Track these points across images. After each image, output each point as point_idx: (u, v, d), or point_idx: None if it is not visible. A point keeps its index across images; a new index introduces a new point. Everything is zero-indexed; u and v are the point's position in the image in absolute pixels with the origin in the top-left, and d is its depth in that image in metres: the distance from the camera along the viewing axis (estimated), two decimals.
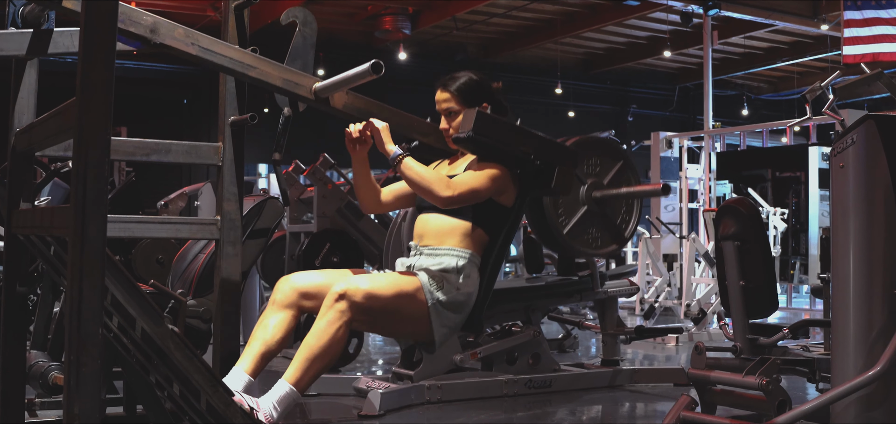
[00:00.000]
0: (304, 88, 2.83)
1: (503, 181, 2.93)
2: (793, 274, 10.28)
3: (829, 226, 2.97)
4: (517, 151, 2.90)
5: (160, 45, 2.56)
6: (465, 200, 2.86)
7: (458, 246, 2.90)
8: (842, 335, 2.82)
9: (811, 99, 3.65)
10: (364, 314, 2.68)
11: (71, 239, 1.61)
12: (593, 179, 3.97)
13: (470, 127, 2.81)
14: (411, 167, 2.84)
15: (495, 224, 2.96)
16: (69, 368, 1.58)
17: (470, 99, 3.03)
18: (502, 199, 2.95)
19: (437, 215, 2.96)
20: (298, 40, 2.96)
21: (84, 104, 1.61)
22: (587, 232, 3.92)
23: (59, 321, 3.68)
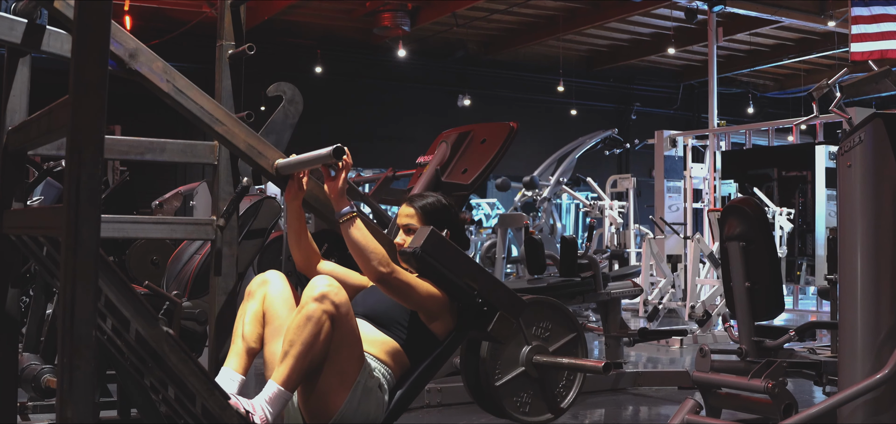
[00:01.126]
0: (267, 161, 2.80)
1: (440, 306, 2.85)
2: (799, 275, 10.28)
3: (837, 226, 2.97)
4: (462, 282, 2.82)
5: (135, 73, 2.55)
6: (398, 289, 2.76)
7: (377, 357, 2.81)
8: (849, 338, 2.82)
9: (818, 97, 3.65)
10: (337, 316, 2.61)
11: (64, 240, 1.61)
12: (539, 342, 3.94)
13: (419, 244, 2.73)
14: (360, 229, 2.74)
15: (420, 351, 2.88)
16: (62, 371, 1.58)
17: (432, 220, 2.98)
18: (435, 326, 2.88)
19: (365, 322, 2.87)
20: (279, 116, 2.95)
21: (77, 102, 1.61)
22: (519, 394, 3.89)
23: (52, 323, 3.68)
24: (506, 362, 3.86)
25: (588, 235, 9.69)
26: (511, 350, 3.88)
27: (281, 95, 2.99)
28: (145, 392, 2.70)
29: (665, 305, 8.86)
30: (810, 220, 10.21)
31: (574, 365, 3.92)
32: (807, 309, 10.30)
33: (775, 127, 11.09)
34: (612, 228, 11.30)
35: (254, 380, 4.32)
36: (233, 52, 2.97)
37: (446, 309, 2.88)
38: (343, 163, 2.71)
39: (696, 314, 7.87)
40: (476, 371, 3.83)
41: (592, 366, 3.87)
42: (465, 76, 15.86)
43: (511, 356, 3.87)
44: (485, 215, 14.59)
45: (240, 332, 2.76)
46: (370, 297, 2.99)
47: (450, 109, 15.18)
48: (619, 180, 11.94)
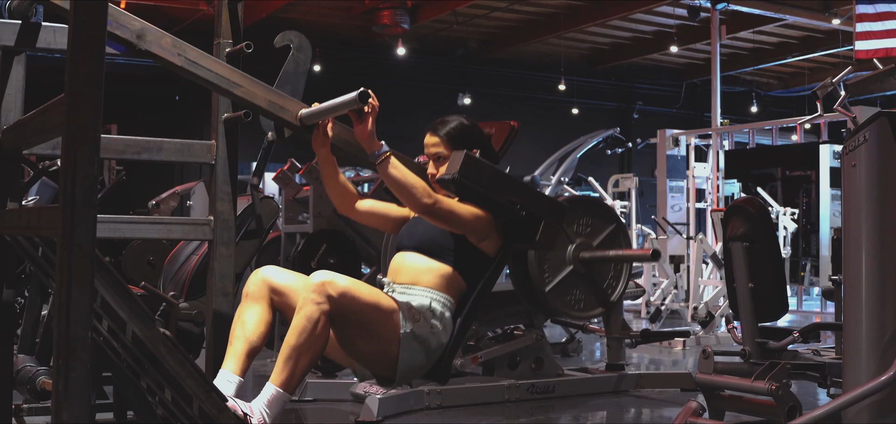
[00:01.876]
0: (290, 114, 2.81)
1: (487, 225, 2.90)
2: (803, 276, 10.27)
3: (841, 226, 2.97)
4: (504, 199, 2.87)
5: (146, 52, 2.55)
6: (445, 217, 2.81)
7: (434, 288, 2.86)
8: (854, 339, 2.82)
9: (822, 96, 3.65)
10: (339, 313, 2.64)
11: (59, 240, 1.61)
12: (582, 239, 3.97)
13: (456, 170, 2.76)
14: (398, 166, 2.78)
15: (475, 272, 2.92)
16: (57, 373, 1.58)
17: (459, 144, 3.00)
18: (484, 245, 2.92)
19: (416, 254, 2.92)
20: (290, 65, 2.95)
21: (73, 101, 1.61)
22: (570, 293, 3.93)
23: (48, 324, 3.68)
24: (553, 264, 3.88)
25: None
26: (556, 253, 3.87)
27: (288, 44, 2.98)
28: (142, 394, 2.70)
29: (667, 306, 8.85)
30: (814, 220, 10.21)
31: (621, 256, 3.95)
32: (811, 310, 10.30)
33: (779, 126, 11.09)
34: None
35: (252, 382, 4.32)
36: (230, 50, 2.97)
37: (492, 227, 2.93)
38: (369, 106, 2.71)
39: (698, 315, 7.86)
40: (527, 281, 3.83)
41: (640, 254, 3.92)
42: (465, 75, 15.86)
43: (557, 258, 3.88)
44: None
45: (239, 333, 2.74)
46: (416, 229, 3.02)
47: (450, 108, 15.17)
48: (621, 179, 11.94)
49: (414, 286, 2.89)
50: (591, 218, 4.05)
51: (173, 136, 2.98)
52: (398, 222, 3.12)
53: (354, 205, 3.06)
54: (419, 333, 2.77)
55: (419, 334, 2.77)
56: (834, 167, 9.90)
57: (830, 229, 9.60)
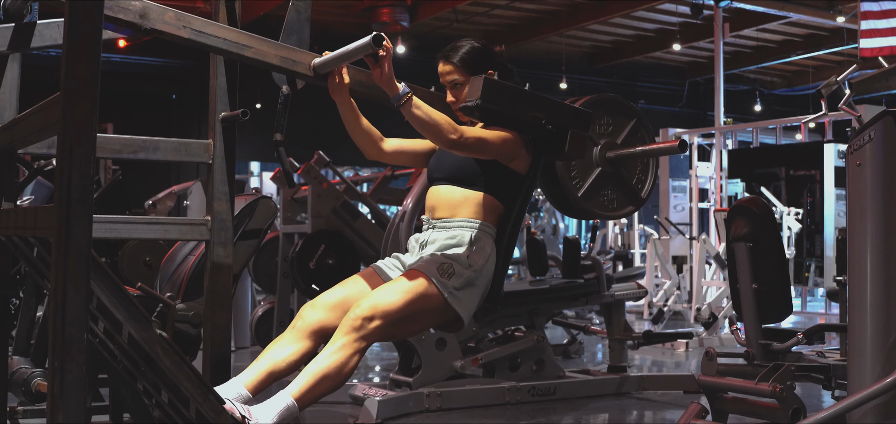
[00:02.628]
0: (303, 65, 2.83)
1: (515, 145, 2.94)
2: (807, 277, 10.27)
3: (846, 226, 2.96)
4: (528, 117, 2.92)
5: (151, 30, 2.56)
6: (473, 147, 2.85)
7: (472, 217, 2.92)
8: (859, 341, 2.82)
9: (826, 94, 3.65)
10: (382, 334, 2.74)
11: (55, 240, 1.61)
12: (606, 139, 4.01)
13: (478, 95, 2.80)
14: (421, 106, 2.78)
15: (510, 193, 2.98)
16: (53, 374, 1.58)
17: (474, 68, 3.02)
18: (515, 165, 2.97)
19: (450, 186, 2.98)
20: (292, 15, 2.95)
21: (68, 100, 1.61)
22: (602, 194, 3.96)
23: (43, 325, 3.68)
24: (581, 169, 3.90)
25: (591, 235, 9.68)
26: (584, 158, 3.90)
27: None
28: (138, 396, 2.70)
29: (670, 307, 8.85)
30: (819, 220, 10.20)
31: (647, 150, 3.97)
32: (815, 312, 10.30)
33: (783, 125, 11.09)
34: (615, 228, 11.30)
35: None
36: None
37: (521, 146, 2.97)
38: (384, 48, 2.71)
39: (701, 316, 7.86)
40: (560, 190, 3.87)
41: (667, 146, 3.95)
42: None
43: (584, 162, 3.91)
44: None
45: (269, 352, 2.75)
46: (447, 159, 3.05)
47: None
48: None
49: (452, 219, 2.94)
50: (611, 116, 4.08)
51: (170, 135, 2.99)
52: (426, 155, 3.18)
53: (381, 146, 3.08)
54: (460, 284, 2.83)
55: (461, 285, 2.83)
56: (838, 167, 9.89)
57: (835, 229, 9.61)
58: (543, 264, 5.69)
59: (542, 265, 5.69)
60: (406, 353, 4.72)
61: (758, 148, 11.07)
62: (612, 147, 3.97)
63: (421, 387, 4.49)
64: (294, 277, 6.01)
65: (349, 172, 12.49)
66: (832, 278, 5.92)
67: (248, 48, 2.73)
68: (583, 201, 3.86)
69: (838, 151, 9.93)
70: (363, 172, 12.61)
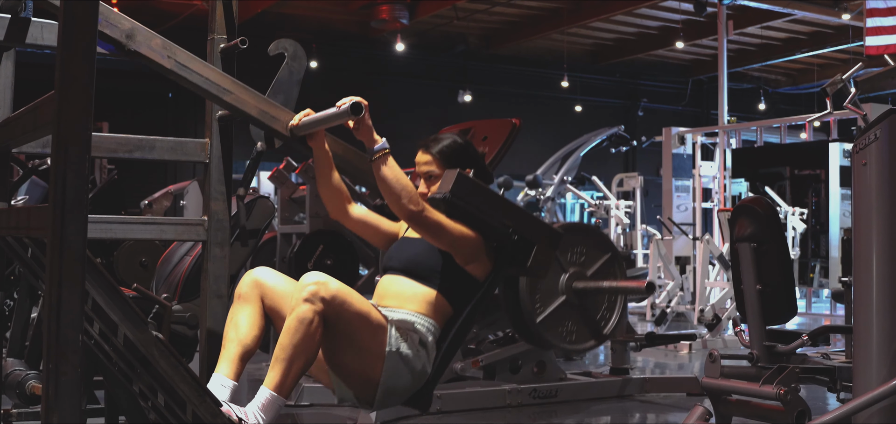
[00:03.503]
0: (281, 124, 2.82)
1: (475, 247, 2.87)
2: (812, 278, 10.28)
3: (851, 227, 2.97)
4: (497, 222, 2.85)
5: (134, 53, 2.56)
6: (431, 228, 2.78)
7: (419, 312, 2.84)
8: (864, 342, 2.82)
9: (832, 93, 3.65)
10: (329, 317, 2.63)
11: (49, 241, 1.61)
12: (576, 268, 3.95)
13: (448, 188, 2.75)
14: (393, 167, 2.76)
15: (462, 297, 2.90)
16: (47, 377, 1.58)
17: (452, 162, 2.99)
18: (473, 269, 2.89)
19: (403, 277, 2.89)
20: (284, 74, 2.96)
21: (63, 98, 1.61)
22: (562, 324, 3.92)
23: (37, 327, 3.68)
24: (545, 293, 3.86)
25: None
26: (549, 281, 3.86)
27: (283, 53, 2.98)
28: (134, 398, 2.70)
29: (673, 308, 8.85)
30: (824, 220, 10.21)
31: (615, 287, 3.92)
32: (820, 313, 10.30)
33: (787, 124, 11.09)
34: (618, 228, 11.31)
35: (246, 386, 4.32)
36: (225, 46, 2.97)
37: (482, 249, 2.90)
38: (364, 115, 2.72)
39: (705, 317, 7.86)
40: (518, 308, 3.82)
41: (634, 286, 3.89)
42: (465, 71, 15.86)
43: (550, 286, 3.87)
44: None
45: (231, 336, 2.75)
46: (405, 250, 3.00)
47: (450, 106, 15.19)
48: (626, 178, 11.94)
49: (400, 309, 2.86)
50: (586, 247, 4.02)
51: (166, 134, 2.98)
52: (388, 237, 3.09)
53: (347, 208, 3.02)
54: (406, 353, 2.74)
55: (405, 354, 2.74)
56: (844, 166, 9.90)
57: (840, 229, 9.60)
58: None
59: None
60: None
61: (762, 147, 11.07)
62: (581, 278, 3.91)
63: None
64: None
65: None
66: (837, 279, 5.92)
67: (229, 93, 2.72)
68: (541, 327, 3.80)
69: (844, 150, 9.94)
70: None
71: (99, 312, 2.19)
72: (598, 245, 4.05)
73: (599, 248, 4.04)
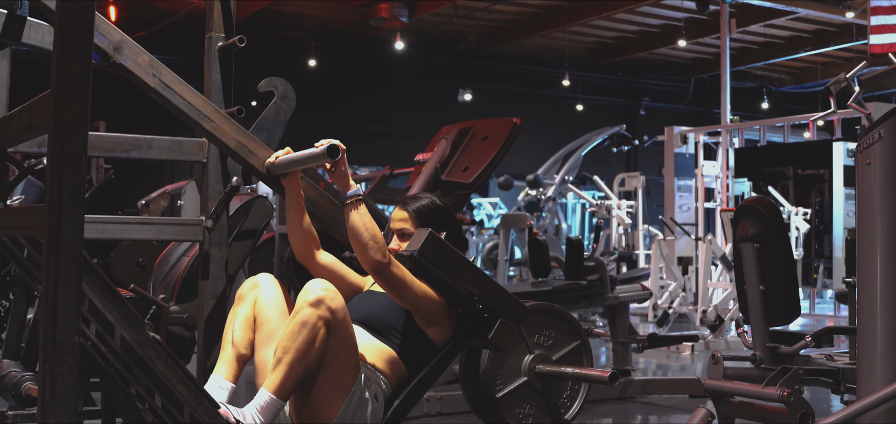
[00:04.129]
0: (258, 160, 2.83)
1: (437, 310, 2.86)
2: (816, 278, 10.28)
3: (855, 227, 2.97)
4: (463, 288, 2.85)
5: (119, 66, 2.56)
6: (393, 282, 2.76)
7: (375, 366, 2.82)
8: (868, 344, 2.82)
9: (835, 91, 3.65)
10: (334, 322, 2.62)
11: (45, 241, 1.61)
12: (542, 351, 3.96)
13: (417, 247, 2.75)
14: (363, 213, 2.74)
15: (418, 359, 2.88)
16: (44, 378, 1.58)
17: (428, 223, 2.98)
18: (432, 333, 2.89)
19: (361, 330, 2.87)
20: (271, 113, 2.96)
21: (59, 97, 1.61)
22: (521, 406, 3.92)
23: (33, 328, 3.68)
24: (507, 371, 3.87)
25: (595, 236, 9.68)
26: (513, 359, 3.89)
27: (272, 91, 2.99)
28: (131, 400, 2.70)
29: (675, 309, 8.86)
30: (828, 220, 10.21)
31: (579, 375, 3.92)
32: (824, 314, 10.30)
33: (791, 123, 11.09)
34: (619, 228, 11.31)
35: (244, 388, 4.32)
36: (223, 44, 2.97)
37: (444, 314, 2.89)
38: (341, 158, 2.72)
39: (707, 318, 7.87)
40: (476, 381, 3.85)
41: (598, 376, 3.88)
42: (465, 70, 15.86)
43: (513, 365, 3.88)
44: (487, 215, 14.59)
45: (229, 338, 2.76)
46: (366, 303, 2.99)
47: (450, 105, 15.19)
48: (628, 178, 11.94)
49: None
50: (556, 330, 4.03)
51: (163, 133, 2.99)
52: (352, 289, 3.07)
53: (315, 253, 3.01)
54: (366, 399, 2.72)
55: (365, 400, 2.72)
56: (848, 166, 9.90)
57: (844, 229, 9.60)
58: (546, 265, 5.69)
59: (545, 266, 5.68)
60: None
61: (765, 146, 11.07)
62: (545, 361, 3.92)
63: None
64: (290, 278, 6.01)
65: None
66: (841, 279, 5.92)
67: (209, 121, 2.72)
68: (498, 403, 3.81)
69: (847, 149, 9.94)
70: (361, 171, 12.62)
71: (96, 313, 2.19)
72: (568, 331, 4.07)
73: (569, 333, 4.07)
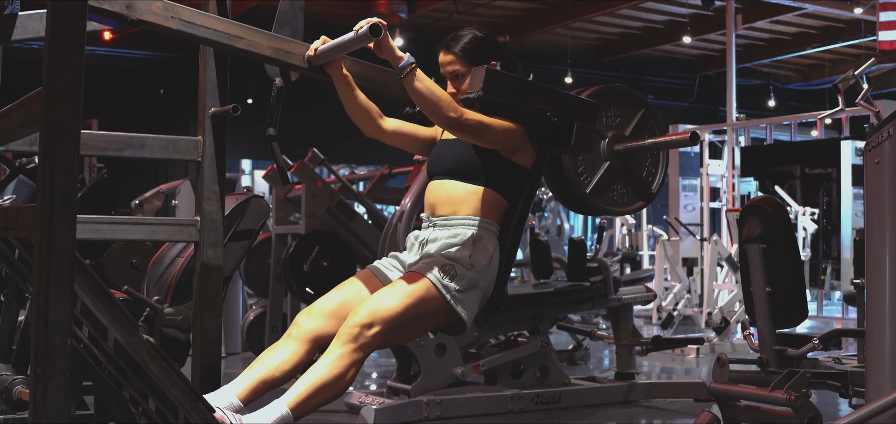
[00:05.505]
0: (297, 56, 2.84)
1: (518, 137, 2.93)
2: (824, 280, 10.28)
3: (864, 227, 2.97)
4: (532, 109, 2.92)
5: (138, 21, 2.56)
6: (473, 131, 2.83)
7: (474, 214, 2.91)
8: (877, 346, 2.82)
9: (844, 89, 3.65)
10: (382, 342, 2.74)
11: (37, 242, 1.60)
12: (614, 131, 4.01)
13: (480, 86, 2.80)
14: (423, 79, 2.78)
15: (514, 188, 2.97)
16: (35, 382, 1.58)
17: (476, 58, 3.02)
18: (519, 159, 2.96)
19: (451, 181, 2.97)
20: (285, 5, 2.97)
21: (51, 95, 1.61)
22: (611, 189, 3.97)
23: (25, 330, 3.68)
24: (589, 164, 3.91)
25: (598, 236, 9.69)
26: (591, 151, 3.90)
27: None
28: (124, 404, 2.70)
29: (680, 311, 8.86)
30: (835, 220, 10.21)
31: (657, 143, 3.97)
32: (832, 316, 10.30)
33: (798, 121, 11.10)
34: (623, 229, 11.31)
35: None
36: None
37: (525, 139, 2.96)
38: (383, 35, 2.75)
39: (713, 321, 7.87)
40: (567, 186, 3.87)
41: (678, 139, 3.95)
42: None
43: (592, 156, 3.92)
44: None
45: (262, 359, 2.75)
46: (447, 152, 3.05)
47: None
48: None
49: (454, 216, 2.94)
50: (619, 107, 4.08)
51: (157, 131, 2.98)
52: (426, 142, 3.17)
53: (381, 123, 3.07)
54: (464, 286, 2.82)
55: (461, 286, 2.81)
56: (856, 165, 9.89)
57: (852, 229, 9.61)
58: (548, 266, 5.69)
59: (547, 267, 5.69)
60: (404, 359, 4.72)
61: (772, 145, 11.07)
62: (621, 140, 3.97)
63: (420, 395, 4.49)
64: (287, 280, 6.01)
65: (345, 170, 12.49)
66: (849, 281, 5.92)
67: (240, 39, 2.73)
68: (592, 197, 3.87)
69: (856, 148, 9.94)
70: (359, 170, 12.62)
71: (88, 315, 2.19)
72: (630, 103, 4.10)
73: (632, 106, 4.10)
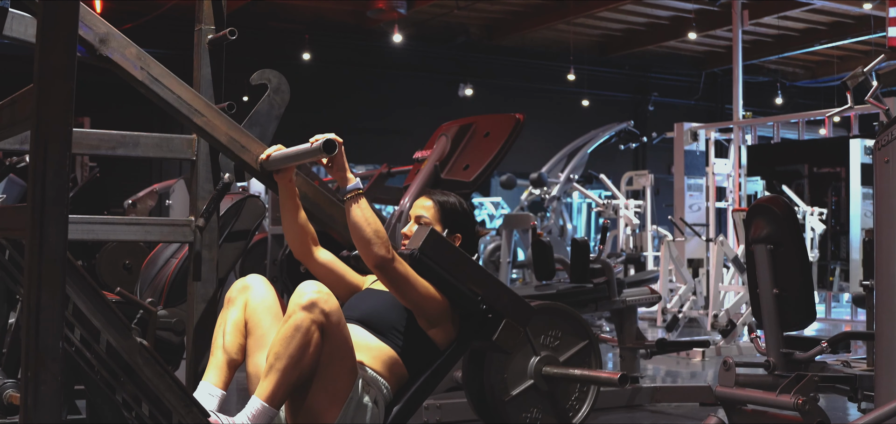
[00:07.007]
0: (250, 155, 2.84)
1: (440, 310, 2.86)
2: (832, 281, 10.27)
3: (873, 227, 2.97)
4: (466, 288, 2.84)
5: (106, 59, 2.56)
6: (396, 279, 2.75)
7: (373, 368, 2.81)
8: (887, 349, 2.82)
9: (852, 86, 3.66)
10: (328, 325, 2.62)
11: (28, 242, 1.61)
12: (548, 352, 3.97)
13: (418, 245, 2.76)
14: (365, 207, 2.75)
15: (419, 362, 2.88)
16: (26, 386, 1.58)
17: (446, 221, 3.02)
18: (435, 334, 2.89)
19: (359, 328, 2.87)
20: (264, 106, 2.97)
21: (42, 92, 1.61)
22: (528, 410, 3.93)
23: (15, 333, 3.68)
24: (513, 374, 3.88)
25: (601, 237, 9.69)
26: (518, 362, 3.90)
27: (265, 84, 2.99)
28: (117, 408, 2.70)
29: (685, 313, 8.86)
30: (844, 221, 10.21)
31: (587, 377, 3.93)
32: (840, 318, 10.30)
33: (806, 119, 11.09)
34: (627, 229, 11.31)
35: (236, 395, 4.32)
36: (213, 37, 2.97)
37: (447, 315, 2.89)
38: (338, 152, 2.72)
39: (719, 323, 7.87)
40: (481, 385, 3.85)
41: (607, 378, 3.88)
42: (466, 64, 15.87)
43: (518, 368, 3.89)
44: (488, 215, 14.61)
45: (220, 343, 2.75)
46: (366, 301, 2.99)
47: (450, 100, 15.19)
48: (635, 176, 11.94)
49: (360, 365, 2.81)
50: (562, 331, 4.05)
51: (151, 129, 2.99)
52: (351, 289, 3.08)
53: (313, 250, 3.02)
54: (365, 405, 2.72)
55: (365, 406, 2.72)
56: (865, 163, 9.89)
57: (861, 230, 9.60)
58: (550, 267, 5.69)
59: (549, 268, 5.69)
60: None
61: (779, 144, 11.07)
62: (552, 363, 3.92)
63: None
64: (283, 281, 6.01)
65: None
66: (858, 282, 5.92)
67: (200, 115, 2.72)
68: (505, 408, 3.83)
69: (865, 146, 9.93)
70: (357, 169, 12.63)
71: (80, 317, 2.19)
72: (575, 331, 4.08)
73: (576, 334, 4.07)
